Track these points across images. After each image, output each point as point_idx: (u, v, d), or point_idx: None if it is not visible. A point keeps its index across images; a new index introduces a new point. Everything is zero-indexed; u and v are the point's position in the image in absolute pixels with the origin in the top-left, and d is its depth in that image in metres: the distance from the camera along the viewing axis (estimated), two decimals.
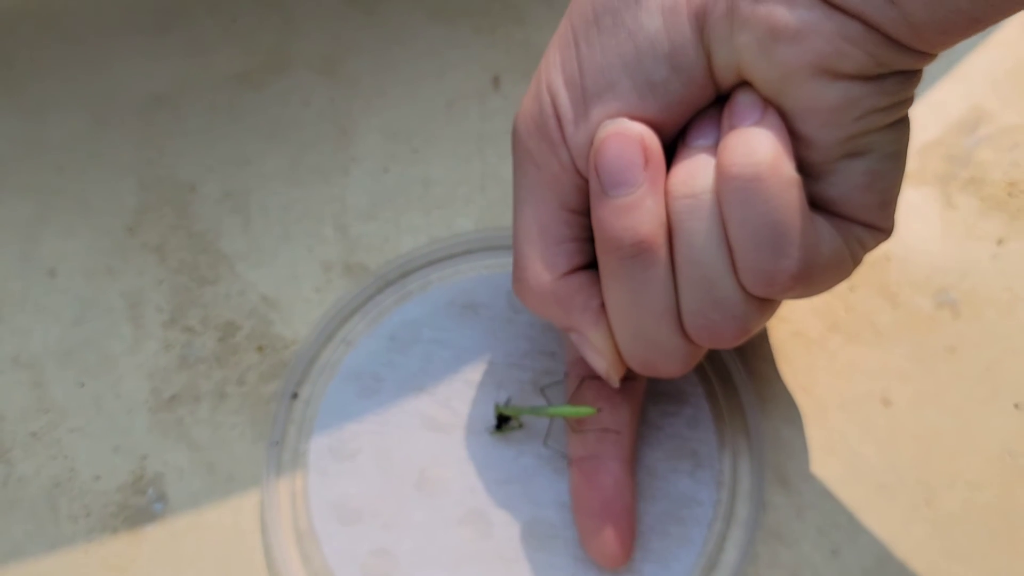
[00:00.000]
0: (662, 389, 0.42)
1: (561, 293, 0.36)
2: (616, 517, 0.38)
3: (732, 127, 0.32)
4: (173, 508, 0.41)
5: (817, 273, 0.33)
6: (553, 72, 0.34)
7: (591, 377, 0.39)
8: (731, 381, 0.43)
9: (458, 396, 0.42)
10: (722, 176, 0.32)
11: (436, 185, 0.47)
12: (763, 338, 0.43)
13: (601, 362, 0.37)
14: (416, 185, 0.47)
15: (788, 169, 0.32)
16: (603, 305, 0.36)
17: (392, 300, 0.44)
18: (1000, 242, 0.45)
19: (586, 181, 0.34)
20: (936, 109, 0.47)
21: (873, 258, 0.44)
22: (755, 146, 0.31)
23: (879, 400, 0.42)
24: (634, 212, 0.32)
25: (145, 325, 0.44)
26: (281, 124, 0.48)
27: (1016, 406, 0.42)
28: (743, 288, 0.33)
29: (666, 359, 0.35)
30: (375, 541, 0.40)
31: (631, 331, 0.35)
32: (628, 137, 0.32)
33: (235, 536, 0.41)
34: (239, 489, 0.42)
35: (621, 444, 0.39)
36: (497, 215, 0.46)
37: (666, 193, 0.33)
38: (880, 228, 0.34)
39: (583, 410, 0.39)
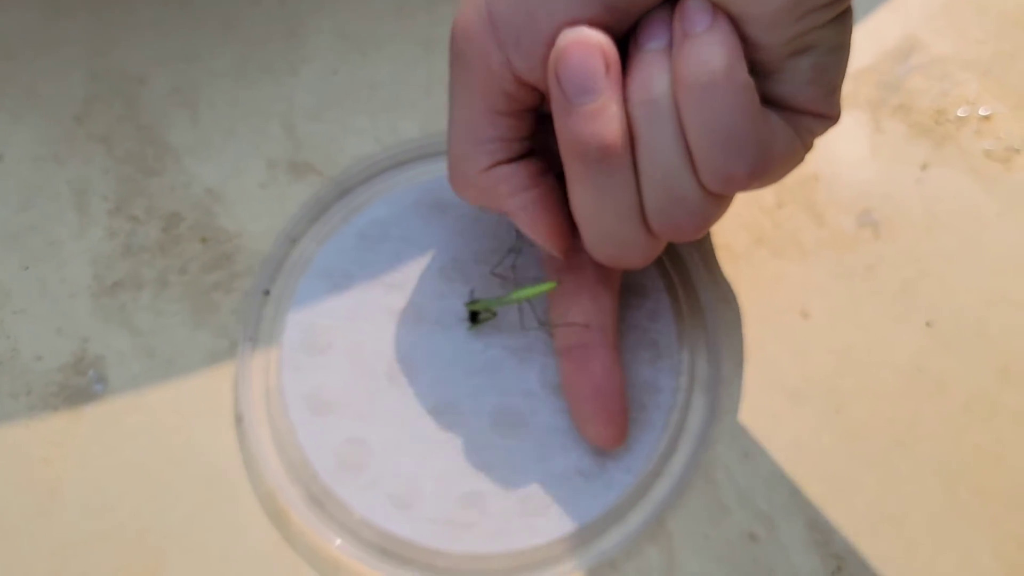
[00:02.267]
0: (624, 282, 0.43)
1: (485, 185, 0.37)
2: (608, 400, 0.39)
3: (685, 33, 0.32)
4: (113, 389, 0.42)
5: (772, 167, 0.34)
6: None
7: (568, 270, 0.40)
8: (689, 276, 0.44)
9: (426, 292, 0.43)
10: (679, 84, 0.32)
11: (383, 88, 0.47)
12: (692, 248, 0.44)
13: (540, 240, 0.38)
14: (363, 88, 0.47)
15: (741, 74, 0.32)
16: (529, 190, 0.37)
17: (361, 200, 0.44)
18: (924, 167, 0.45)
19: (518, 85, 0.35)
20: (872, 36, 0.47)
21: (802, 177, 0.45)
22: (709, 54, 0.32)
23: (798, 313, 0.43)
24: (598, 119, 0.33)
25: (90, 213, 0.44)
26: (232, 22, 0.48)
27: (928, 324, 0.43)
28: (703, 186, 0.34)
29: (631, 253, 0.36)
30: (348, 430, 0.41)
31: (597, 229, 0.36)
32: (589, 45, 0.32)
33: (173, 418, 0.41)
34: (178, 373, 0.42)
35: (606, 331, 0.40)
36: (442, 120, 0.46)
37: (625, 99, 0.33)
38: (828, 116, 0.35)
39: (545, 286, 0.40)
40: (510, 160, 0.37)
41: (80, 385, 0.42)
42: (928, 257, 0.44)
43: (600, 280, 0.40)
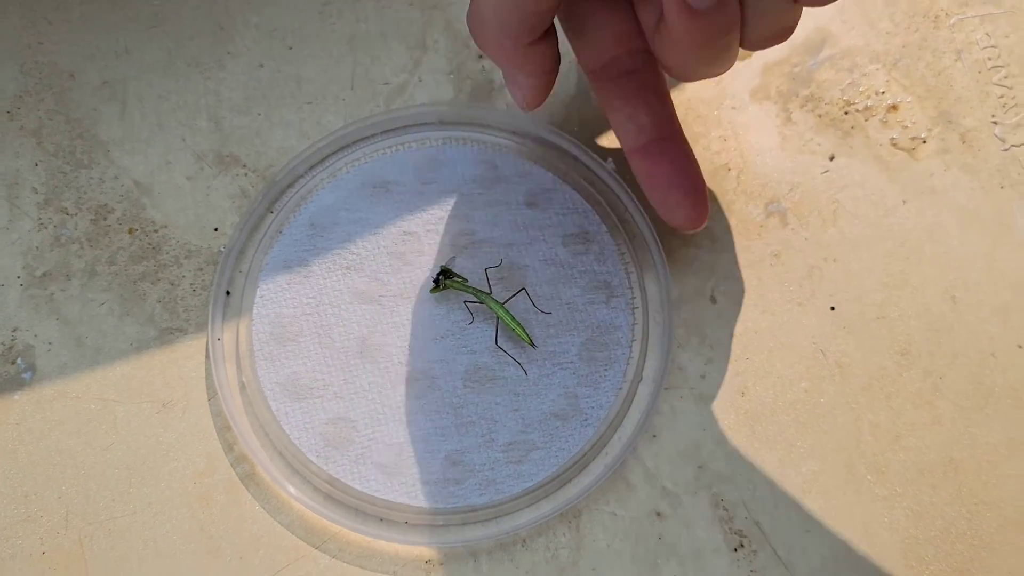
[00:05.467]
0: (569, 232, 0.44)
1: (522, 58, 0.37)
2: (695, 182, 0.40)
3: None
4: (41, 378, 0.42)
5: None
6: None
7: (624, 74, 0.40)
8: (629, 216, 0.44)
9: (384, 268, 0.43)
10: None
11: (308, 83, 0.46)
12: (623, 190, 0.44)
13: (523, 99, 0.39)
14: (289, 82, 0.46)
15: None
16: (549, 73, 0.38)
17: (306, 189, 0.44)
18: (832, 157, 0.46)
19: None
20: None
21: (713, 167, 0.45)
22: None
23: (707, 298, 0.43)
24: (722, 12, 0.33)
25: (21, 205, 0.44)
26: (160, 16, 0.47)
27: (832, 308, 0.43)
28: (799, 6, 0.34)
29: (720, 71, 0.37)
30: (330, 411, 0.41)
31: (692, 72, 0.37)
32: None
33: (100, 405, 0.41)
34: (105, 361, 0.42)
35: (673, 121, 0.41)
36: (365, 114, 0.46)
37: None
38: None
39: (523, 334, 0.41)
40: (543, 36, 0.37)
41: (9, 374, 0.42)
42: (833, 244, 0.44)
43: (659, 76, 0.40)
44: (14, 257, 0.43)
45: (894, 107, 0.46)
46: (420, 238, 0.44)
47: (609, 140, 0.46)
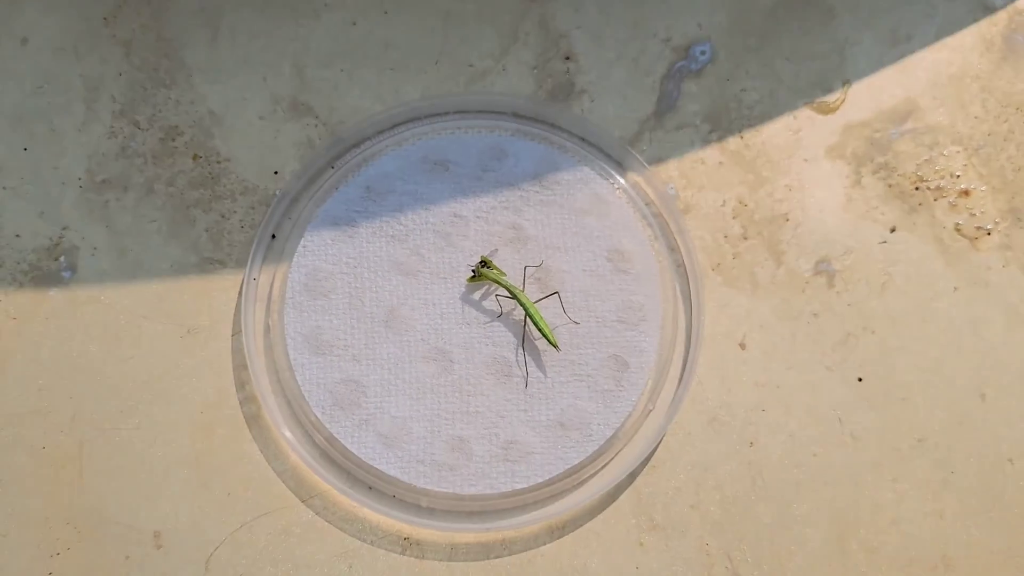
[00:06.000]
0: (615, 247, 0.43)
1: None
2: None
3: None
4: (79, 279, 0.42)
5: None
6: None
7: None
8: (677, 245, 0.44)
9: (427, 245, 0.43)
10: None
11: (395, 49, 0.46)
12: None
13: None
14: (377, 45, 0.46)
15: None
16: None
17: (370, 152, 0.45)
18: (893, 229, 0.45)
19: None
20: (873, 93, 0.46)
21: (772, 215, 0.44)
22: None
23: (736, 342, 0.43)
24: None
25: (97, 110, 0.45)
26: None
27: (859, 379, 0.43)
28: None
29: None
30: (345, 371, 0.42)
31: None
32: None
33: (128, 318, 0.42)
34: (143, 277, 0.43)
35: None
36: (444, 91, 0.46)
37: None
38: None
39: (551, 335, 0.41)
40: None
41: (50, 269, 0.42)
42: (875, 316, 0.43)
43: None
44: (79, 159, 0.44)
45: (966, 192, 0.45)
46: (469, 223, 0.44)
47: (675, 165, 0.45)
